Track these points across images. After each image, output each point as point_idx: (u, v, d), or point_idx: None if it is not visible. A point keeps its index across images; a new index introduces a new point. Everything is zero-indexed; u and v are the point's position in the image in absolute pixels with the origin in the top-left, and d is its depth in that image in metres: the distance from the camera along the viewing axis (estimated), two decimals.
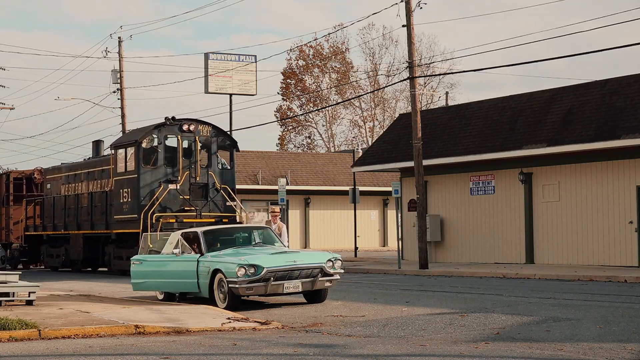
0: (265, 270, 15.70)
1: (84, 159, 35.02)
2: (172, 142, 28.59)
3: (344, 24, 78.87)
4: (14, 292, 16.71)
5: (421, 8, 28.29)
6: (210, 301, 16.61)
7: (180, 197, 27.79)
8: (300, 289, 16.15)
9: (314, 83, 71.27)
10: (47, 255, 35.67)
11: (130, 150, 28.42)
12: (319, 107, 70.02)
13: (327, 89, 70.00)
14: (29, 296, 16.76)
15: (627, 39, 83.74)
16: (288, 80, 71.25)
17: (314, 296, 16.79)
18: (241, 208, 28.95)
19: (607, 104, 27.19)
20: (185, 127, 28.33)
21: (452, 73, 51.27)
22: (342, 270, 16.79)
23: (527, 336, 11.57)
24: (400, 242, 31.48)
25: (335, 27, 68.56)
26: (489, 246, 31.05)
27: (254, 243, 18.03)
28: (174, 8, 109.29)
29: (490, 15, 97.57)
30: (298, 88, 71.17)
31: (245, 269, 15.70)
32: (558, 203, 28.94)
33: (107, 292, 21.44)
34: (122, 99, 45.48)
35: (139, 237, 24.59)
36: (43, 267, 37.53)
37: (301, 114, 70.92)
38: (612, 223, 27.21)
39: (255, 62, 45.98)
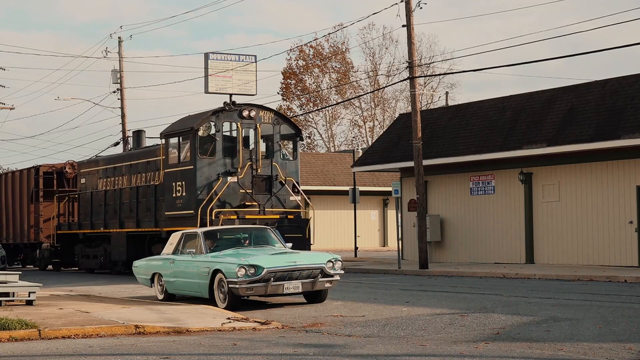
0: (265, 270, 15.71)
1: (124, 151, 32.64)
2: (229, 129, 26.18)
3: (344, 24, 78.84)
4: (14, 292, 16.72)
5: (421, 8, 28.31)
6: (211, 301, 16.61)
7: (241, 190, 25.28)
8: (300, 290, 16.16)
9: (314, 83, 71.26)
10: (83, 256, 32.66)
11: (185, 139, 25.83)
12: (319, 107, 70.01)
13: (327, 89, 70.00)
14: (29, 296, 16.77)
15: (626, 39, 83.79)
16: (288, 80, 71.24)
17: (314, 296, 16.80)
18: (308, 203, 26.67)
19: (607, 104, 27.19)
20: (245, 112, 25.80)
21: (452, 73, 51.28)
22: (342, 271, 16.80)
23: (527, 336, 11.58)
24: (400, 242, 31.48)
25: (335, 27, 68.59)
26: (489, 246, 31.05)
27: (254, 243, 18.04)
28: (169, 8, 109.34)
29: (490, 15, 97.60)
30: (298, 88, 71.16)
31: (245, 269, 15.70)
32: (558, 203, 28.94)
33: (107, 292, 21.44)
34: (122, 99, 45.48)
35: None
36: (76, 269, 34.38)
37: (301, 114, 70.91)
38: (612, 223, 27.21)
39: (256, 62, 45.96)
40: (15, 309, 15.76)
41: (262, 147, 26.14)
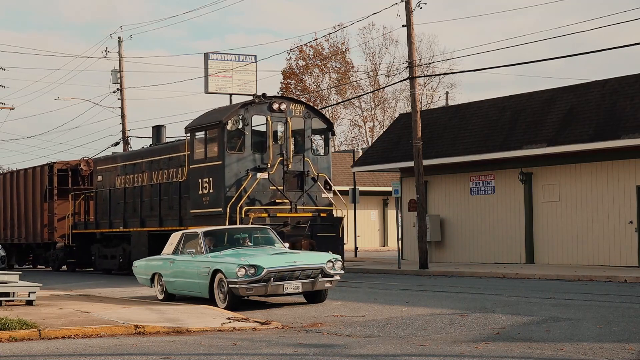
0: (265, 270, 15.71)
1: (143, 147, 31.14)
2: (260, 123, 24.94)
3: (344, 24, 78.84)
4: (14, 292, 16.73)
5: (421, 8, 28.32)
6: (211, 301, 16.61)
7: (271, 187, 24.12)
8: (300, 290, 16.16)
9: (314, 83, 71.26)
10: (100, 256, 31.24)
11: (213, 133, 24.54)
12: (319, 107, 70.00)
13: (327, 89, 69.99)
14: (29, 296, 16.77)
15: (626, 39, 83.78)
16: (288, 80, 71.24)
17: (314, 296, 16.80)
18: (341, 201, 25.70)
19: (607, 104, 27.19)
20: (275, 105, 24.49)
21: (452, 73, 51.29)
22: (342, 271, 16.80)
23: (527, 336, 11.57)
24: (400, 242, 31.48)
25: (335, 27, 68.60)
26: (489, 246, 31.05)
27: (254, 243, 18.04)
28: (168, 9, 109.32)
29: (489, 15, 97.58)
30: (298, 88, 71.15)
31: (245, 269, 15.70)
32: (558, 203, 28.93)
33: (107, 292, 21.44)
34: (122, 99, 45.51)
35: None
36: (92, 269, 33.15)
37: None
38: (612, 223, 27.21)
39: (256, 62, 45.99)
40: (15, 309, 15.76)
41: (296, 141, 25.07)
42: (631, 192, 26.77)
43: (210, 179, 24.40)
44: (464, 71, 60.29)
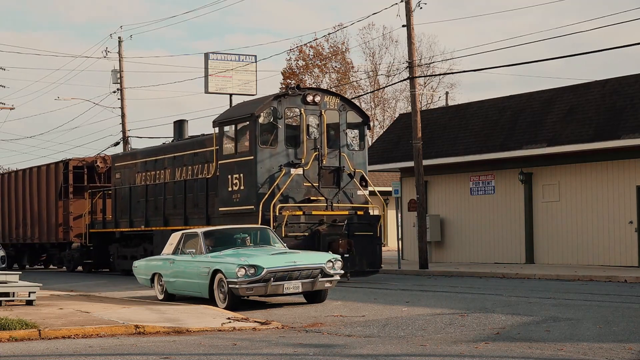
0: (265, 270, 15.71)
1: (164, 143, 29.91)
2: (292, 116, 23.88)
3: (344, 24, 78.84)
4: (14, 292, 16.73)
5: (421, 8, 28.32)
6: (211, 301, 16.61)
7: (305, 184, 22.96)
8: (300, 290, 16.15)
9: (314, 83, 71.26)
10: (119, 256, 29.71)
11: (244, 127, 23.31)
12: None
13: (327, 88, 69.99)
14: (29, 296, 16.77)
15: (626, 39, 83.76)
16: (288, 80, 71.25)
17: (314, 296, 16.80)
18: (379, 198, 24.60)
19: (607, 104, 27.20)
20: (309, 98, 23.22)
21: (452, 73, 51.29)
22: (342, 271, 16.79)
23: (527, 336, 11.57)
24: (400, 242, 31.48)
25: (335, 27, 68.62)
26: (489, 246, 31.05)
27: (254, 243, 18.04)
28: (167, 8, 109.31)
29: (489, 15, 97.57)
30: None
31: (245, 269, 15.70)
32: (558, 203, 28.93)
33: (107, 292, 21.44)
34: (122, 99, 45.52)
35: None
36: (108, 270, 32.16)
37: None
38: (612, 223, 27.21)
39: (256, 62, 46.00)
40: (15, 309, 15.76)
41: (330, 135, 23.94)
42: (631, 192, 26.77)
43: (241, 175, 23.17)
44: (464, 71, 60.35)
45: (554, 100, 29.21)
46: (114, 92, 45.66)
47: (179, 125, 29.15)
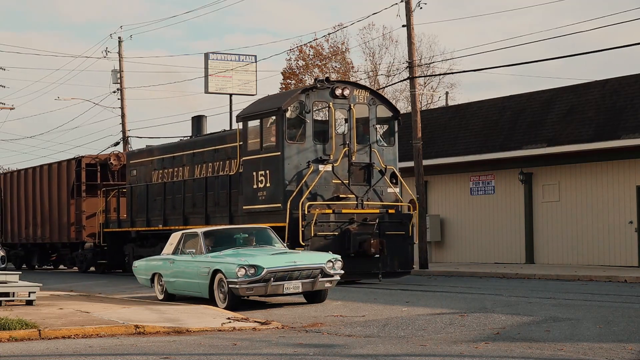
0: (265, 270, 15.71)
1: (182, 139, 28.94)
2: (320, 110, 23.21)
3: (344, 24, 78.86)
4: (14, 292, 16.73)
5: (421, 8, 28.35)
6: (211, 301, 16.62)
7: (334, 181, 22.03)
8: (300, 290, 16.15)
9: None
10: (135, 256, 27.28)
11: (270, 121, 22.33)
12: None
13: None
14: (29, 296, 16.77)
15: (626, 39, 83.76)
16: (288, 81, 71.25)
17: (314, 296, 16.79)
18: (411, 196, 23.62)
19: (607, 104, 27.20)
20: (338, 91, 22.24)
21: (452, 73, 51.29)
22: (342, 271, 16.78)
23: (527, 336, 11.57)
24: None
25: (335, 27, 68.64)
26: (489, 246, 31.05)
27: (254, 243, 18.04)
28: (166, 8, 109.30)
29: (489, 15, 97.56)
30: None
31: (245, 269, 15.70)
32: (558, 203, 28.94)
33: (107, 292, 21.45)
34: (122, 99, 45.55)
35: (285, 232, 20.74)
36: (121, 271, 31.08)
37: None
38: (612, 223, 27.21)
39: (256, 62, 46.00)
40: (15, 309, 15.76)
41: (360, 131, 22.92)
42: (631, 192, 26.77)
43: (267, 171, 22.19)
44: (464, 71, 60.33)
45: (554, 100, 29.22)
46: (114, 92, 45.69)
47: (197, 121, 28.20)
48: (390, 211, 22.44)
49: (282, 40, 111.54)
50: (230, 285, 15.89)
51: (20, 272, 19.07)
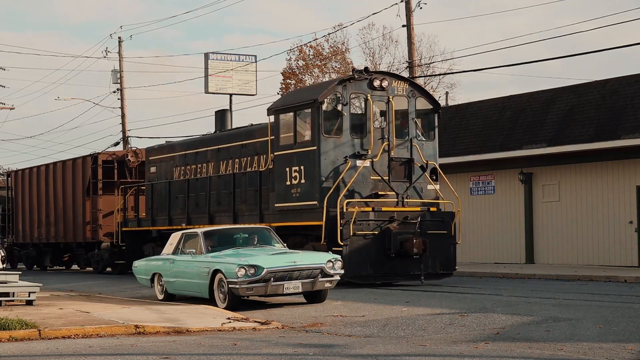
0: (265, 270, 15.71)
1: (204, 134, 27.92)
2: (358, 102, 22.02)
3: (344, 24, 78.89)
4: (14, 292, 16.73)
5: (421, 8, 28.46)
6: (211, 301, 16.62)
7: (372, 177, 20.95)
8: (300, 290, 16.15)
9: (314, 83, 71.25)
10: None
11: (305, 114, 21.22)
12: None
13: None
14: (29, 296, 16.78)
15: (626, 39, 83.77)
16: (288, 81, 71.25)
17: (314, 296, 16.79)
18: (453, 193, 22.65)
19: (607, 104, 27.20)
20: (376, 82, 21.09)
21: (451, 73, 51.34)
22: (342, 271, 16.78)
23: (527, 336, 11.57)
24: None
25: (335, 27, 68.65)
26: (489, 246, 31.05)
27: (254, 243, 18.05)
28: (165, 9, 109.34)
29: (489, 15, 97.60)
30: (298, 88, 71.11)
31: (245, 269, 15.71)
32: (558, 203, 28.94)
33: (107, 292, 21.45)
34: (122, 99, 45.60)
35: (321, 231, 19.95)
36: None
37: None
38: (612, 223, 27.21)
39: (256, 62, 46.03)
40: (15, 309, 15.76)
41: (398, 124, 21.90)
42: (631, 192, 26.77)
43: (302, 167, 21.05)
44: (464, 71, 60.39)
45: (554, 100, 29.22)
46: (114, 92, 45.73)
47: (221, 115, 27.11)
48: (431, 209, 21.54)
49: (282, 40, 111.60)
50: (230, 285, 15.89)
51: (20, 272, 19.05)
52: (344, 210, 19.97)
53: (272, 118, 22.24)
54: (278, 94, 71.05)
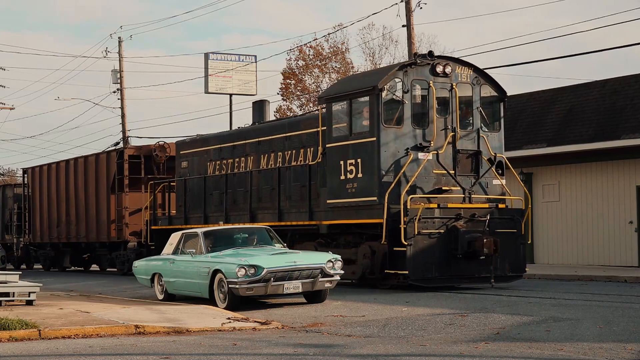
0: (265, 270, 15.71)
1: (240, 127, 26.37)
2: (419, 90, 19.72)
3: (344, 24, 78.90)
4: (14, 292, 16.74)
5: (421, 8, 28.42)
6: (211, 301, 16.62)
7: (435, 171, 19.22)
8: (300, 290, 16.15)
9: (313, 83, 71.28)
10: None
11: (362, 103, 19.48)
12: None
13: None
14: (29, 296, 16.78)
15: (626, 39, 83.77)
16: (288, 81, 71.26)
17: (314, 296, 16.79)
18: (523, 189, 21.31)
19: (607, 104, 27.21)
20: (439, 68, 19.39)
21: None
22: (342, 271, 16.77)
23: (527, 336, 11.57)
24: None
25: (335, 28, 68.65)
26: None
27: (254, 243, 18.06)
28: (164, 9, 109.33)
29: (488, 15, 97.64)
30: (298, 88, 71.15)
31: (245, 269, 15.71)
32: (558, 203, 28.94)
33: (107, 292, 21.45)
34: (122, 99, 45.60)
35: (382, 230, 18.45)
36: None
37: (301, 114, 70.86)
38: (612, 223, 27.22)
39: (256, 62, 46.02)
40: (15, 309, 15.76)
41: (462, 113, 20.25)
42: (631, 192, 26.78)
43: (359, 160, 19.29)
44: None
45: (554, 100, 29.22)
46: (114, 92, 45.73)
47: (259, 106, 25.47)
48: (500, 206, 19.75)
49: (282, 40, 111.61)
50: (230, 285, 15.89)
51: (20, 272, 19.05)
52: (408, 206, 18.34)
53: (323, 107, 20.61)
54: (278, 94, 71.12)
